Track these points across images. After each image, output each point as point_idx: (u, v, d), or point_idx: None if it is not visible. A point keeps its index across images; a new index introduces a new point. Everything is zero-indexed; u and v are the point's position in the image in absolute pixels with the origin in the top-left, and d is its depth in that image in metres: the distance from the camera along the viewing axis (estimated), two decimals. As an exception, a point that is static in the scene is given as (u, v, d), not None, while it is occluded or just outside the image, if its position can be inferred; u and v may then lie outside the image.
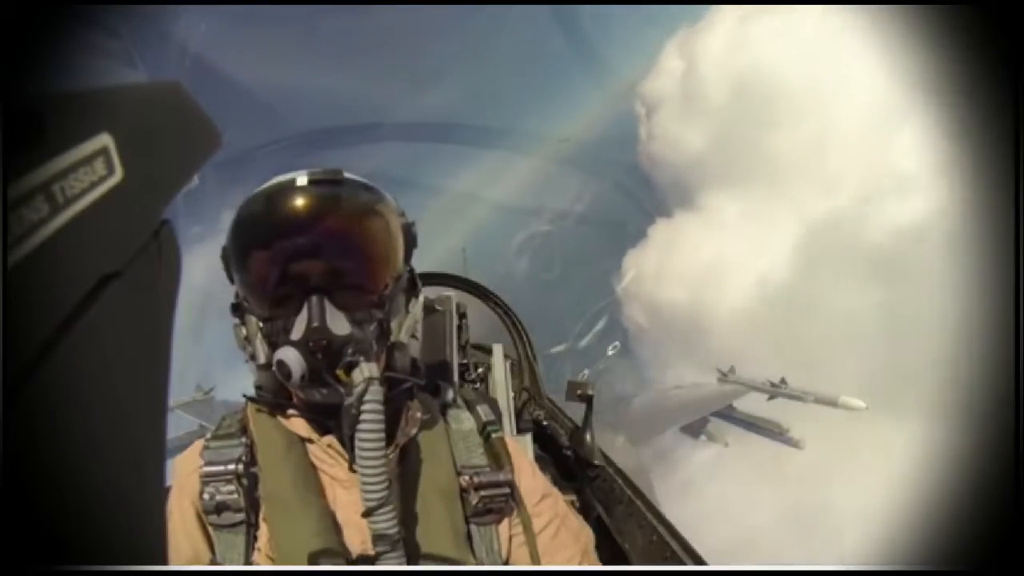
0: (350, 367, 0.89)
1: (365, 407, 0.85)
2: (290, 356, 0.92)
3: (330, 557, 0.93)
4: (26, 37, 0.29)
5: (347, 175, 1.00)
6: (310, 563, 0.92)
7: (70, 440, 0.27)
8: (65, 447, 0.26)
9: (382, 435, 0.86)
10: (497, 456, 1.12)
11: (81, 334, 0.27)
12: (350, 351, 0.91)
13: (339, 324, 0.93)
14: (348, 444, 0.87)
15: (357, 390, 0.86)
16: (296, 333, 0.93)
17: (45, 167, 0.25)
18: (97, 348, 0.28)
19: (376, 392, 0.87)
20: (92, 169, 0.27)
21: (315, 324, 0.92)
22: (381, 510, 0.86)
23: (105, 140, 0.28)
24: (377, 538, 0.87)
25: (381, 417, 0.86)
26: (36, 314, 0.24)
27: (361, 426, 0.85)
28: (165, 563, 0.35)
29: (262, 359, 1.00)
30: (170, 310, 0.36)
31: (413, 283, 1.09)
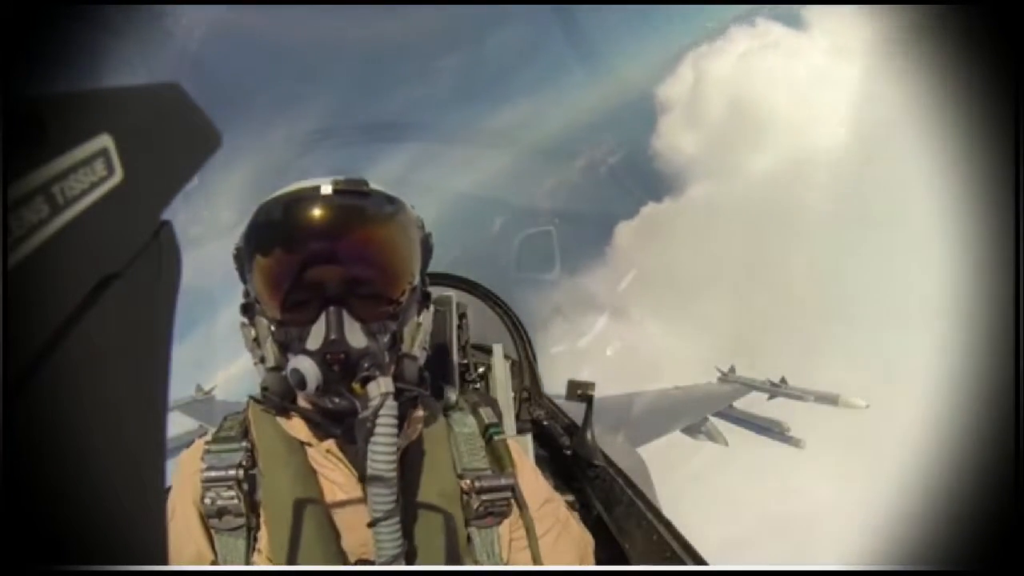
0: (366, 381, 0.89)
1: (380, 421, 0.85)
2: (305, 366, 0.92)
3: (329, 561, 0.93)
4: (26, 37, 0.29)
5: (371, 185, 1.00)
6: (308, 565, 0.92)
7: (70, 440, 0.27)
8: (65, 447, 0.26)
9: (396, 449, 0.86)
10: (499, 459, 1.12)
11: (81, 335, 0.27)
12: (366, 364, 0.90)
13: (356, 336, 0.93)
14: (360, 455, 0.87)
15: (373, 404, 0.86)
16: (313, 343, 0.93)
17: (45, 168, 0.25)
18: (97, 349, 0.28)
19: (391, 407, 0.86)
20: (92, 170, 0.27)
21: (333, 336, 0.92)
22: (387, 522, 0.86)
23: (105, 141, 0.28)
24: (380, 548, 0.87)
25: (395, 432, 0.86)
26: (36, 315, 0.24)
27: (376, 439, 0.85)
28: (165, 563, 0.35)
29: (272, 362, 1.00)
30: (170, 311, 0.36)
31: (426, 294, 1.09)
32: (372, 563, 0.90)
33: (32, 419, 0.24)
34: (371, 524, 0.86)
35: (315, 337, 0.93)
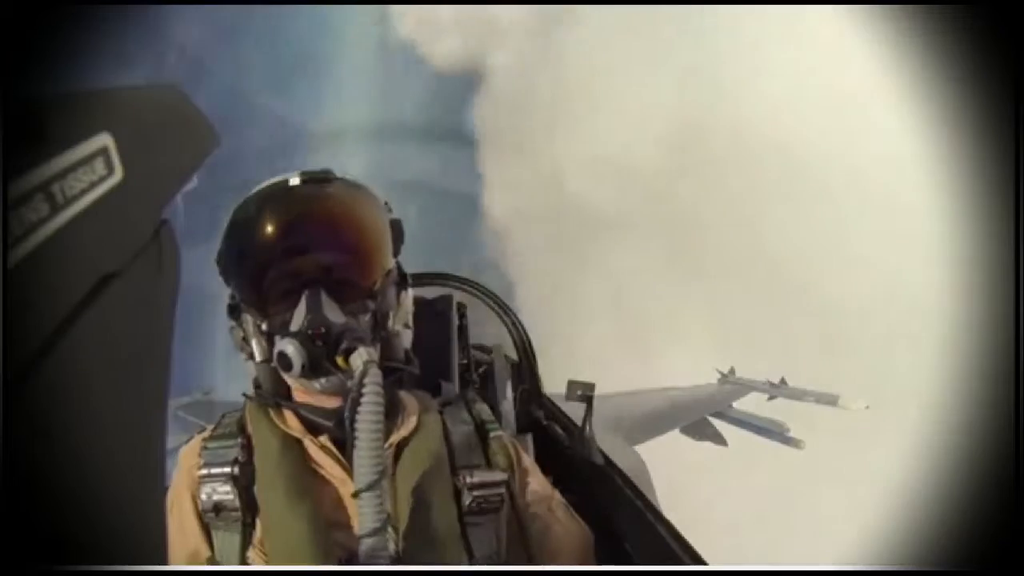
0: (348, 352, 0.91)
1: (365, 388, 0.87)
2: (289, 348, 0.95)
3: (323, 556, 0.93)
4: (26, 37, 0.29)
5: (337, 175, 1.05)
6: (302, 562, 0.92)
7: (70, 440, 0.27)
8: (65, 447, 0.26)
9: (382, 415, 0.87)
10: (494, 455, 1.12)
11: (81, 334, 0.27)
12: (347, 338, 0.93)
13: (335, 313, 0.97)
14: (349, 427, 0.87)
15: (357, 372, 0.88)
16: (295, 324, 0.96)
17: (45, 167, 0.25)
18: (97, 348, 0.28)
19: (376, 374, 0.88)
20: (92, 169, 0.27)
21: (311, 314, 0.95)
22: (371, 491, 0.86)
23: (105, 140, 0.28)
24: (363, 519, 0.86)
25: (381, 399, 0.87)
26: (36, 314, 0.24)
27: (361, 407, 0.86)
28: (165, 563, 0.35)
29: (261, 356, 1.03)
30: (170, 310, 0.36)
31: (403, 277, 1.12)
32: (361, 551, 0.89)
33: (32, 419, 0.24)
34: (355, 494, 0.86)
35: (296, 319, 0.97)
